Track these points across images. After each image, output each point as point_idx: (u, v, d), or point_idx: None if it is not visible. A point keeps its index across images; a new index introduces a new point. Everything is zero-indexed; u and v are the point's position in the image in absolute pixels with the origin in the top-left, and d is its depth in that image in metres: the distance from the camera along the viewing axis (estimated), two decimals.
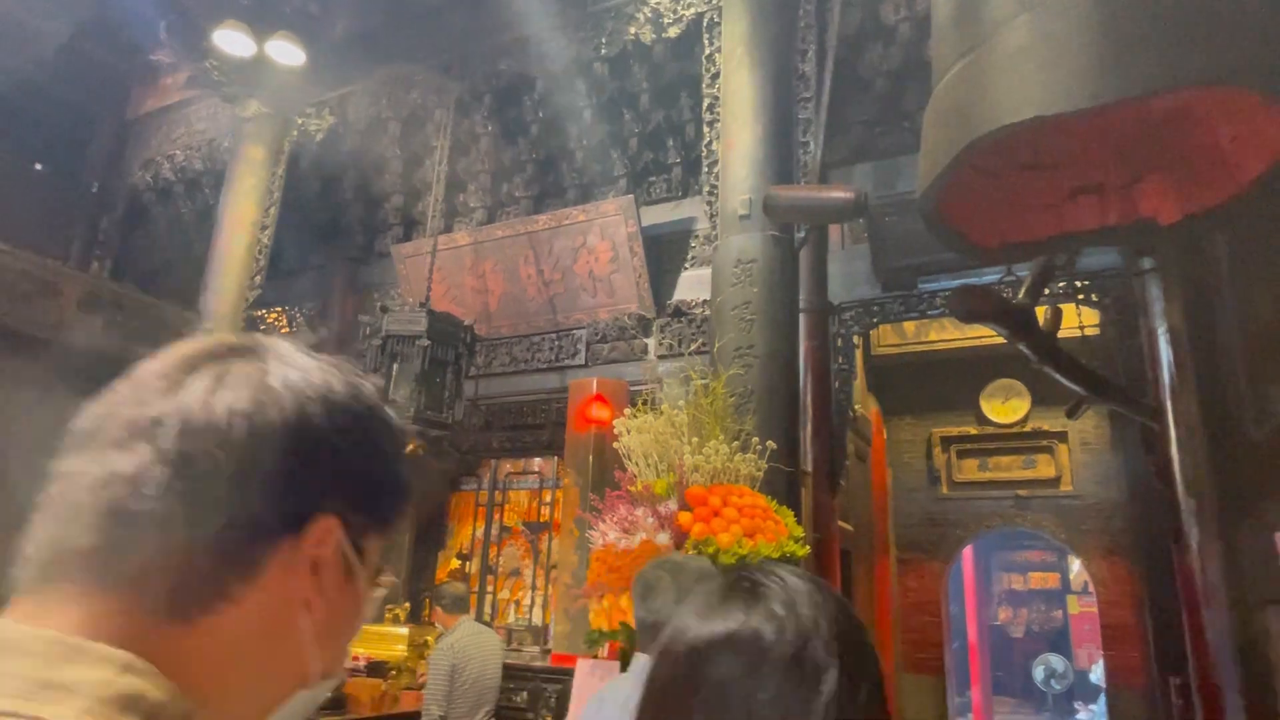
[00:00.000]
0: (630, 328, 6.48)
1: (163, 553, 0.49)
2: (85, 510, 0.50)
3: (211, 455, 0.50)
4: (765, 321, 4.35)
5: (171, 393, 0.52)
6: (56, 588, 0.49)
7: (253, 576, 0.51)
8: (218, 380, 0.53)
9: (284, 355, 0.57)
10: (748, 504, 3.50)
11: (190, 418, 0.50)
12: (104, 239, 8.54)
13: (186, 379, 0.52)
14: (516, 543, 6.93)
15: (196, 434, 0.50)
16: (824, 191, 3.70)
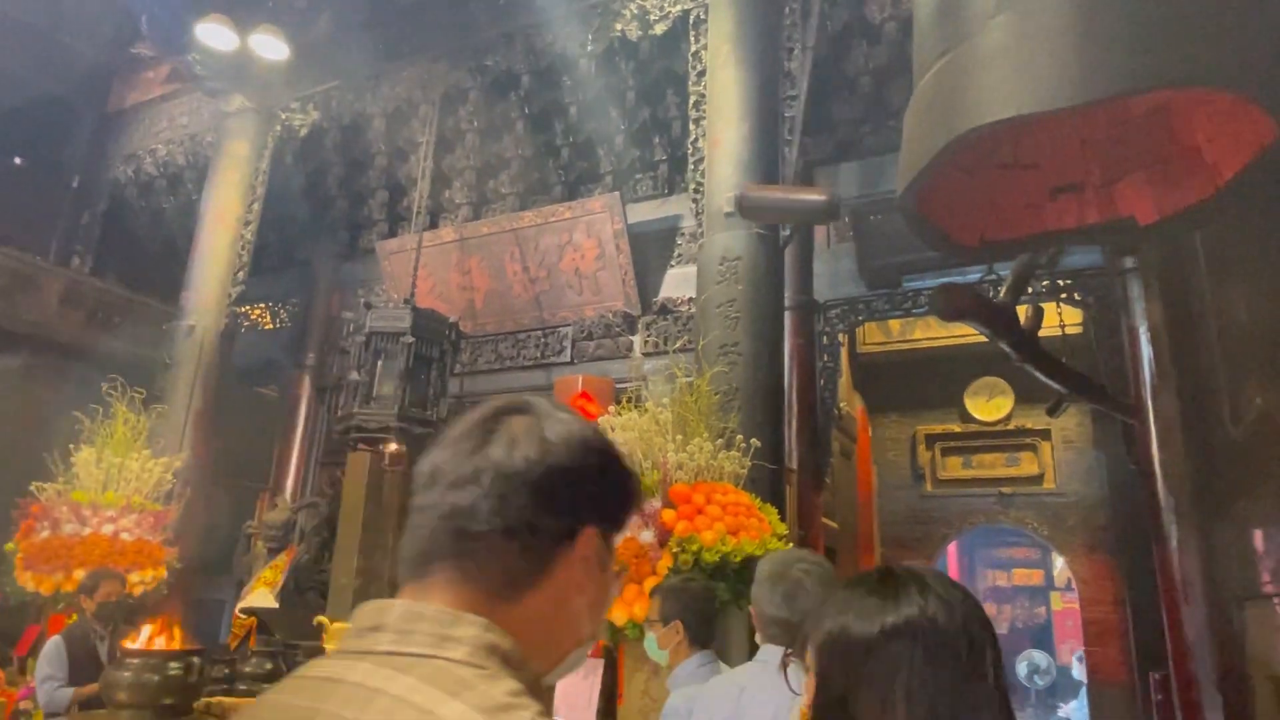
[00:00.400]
0: (616, 325, 6.47)
1: (494, 558, 0.76)
2: (441, 530, 0.78)
3: (518, 493, 0.76)
4: (750, 319, 4.36)
5: (481, 451, 0.78)
6: (432, 579, 0.77)
7: (547, 571, 0.78)
8: (512, 440, 0.78)
9: (547, 412, 0.82)
10: (731, 502, 3.51)
11: (500, 468, 0.77)
12: (85, 234, 8.44)
13: (490, 440, 0.79)
14: None
15: (506, 479, 0.76)
16: (797, 193, 3.72)
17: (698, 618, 2.49)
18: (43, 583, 4.99)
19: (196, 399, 6.38)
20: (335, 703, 0.68)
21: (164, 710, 3.59)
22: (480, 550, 0.76)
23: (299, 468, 7.61)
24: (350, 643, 0.76)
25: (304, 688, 0.73)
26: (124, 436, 5.47)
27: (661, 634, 2.52)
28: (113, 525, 5.21)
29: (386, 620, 0.75)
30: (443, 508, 0.78)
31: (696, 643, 2.47)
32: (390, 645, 0.73)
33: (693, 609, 2.50)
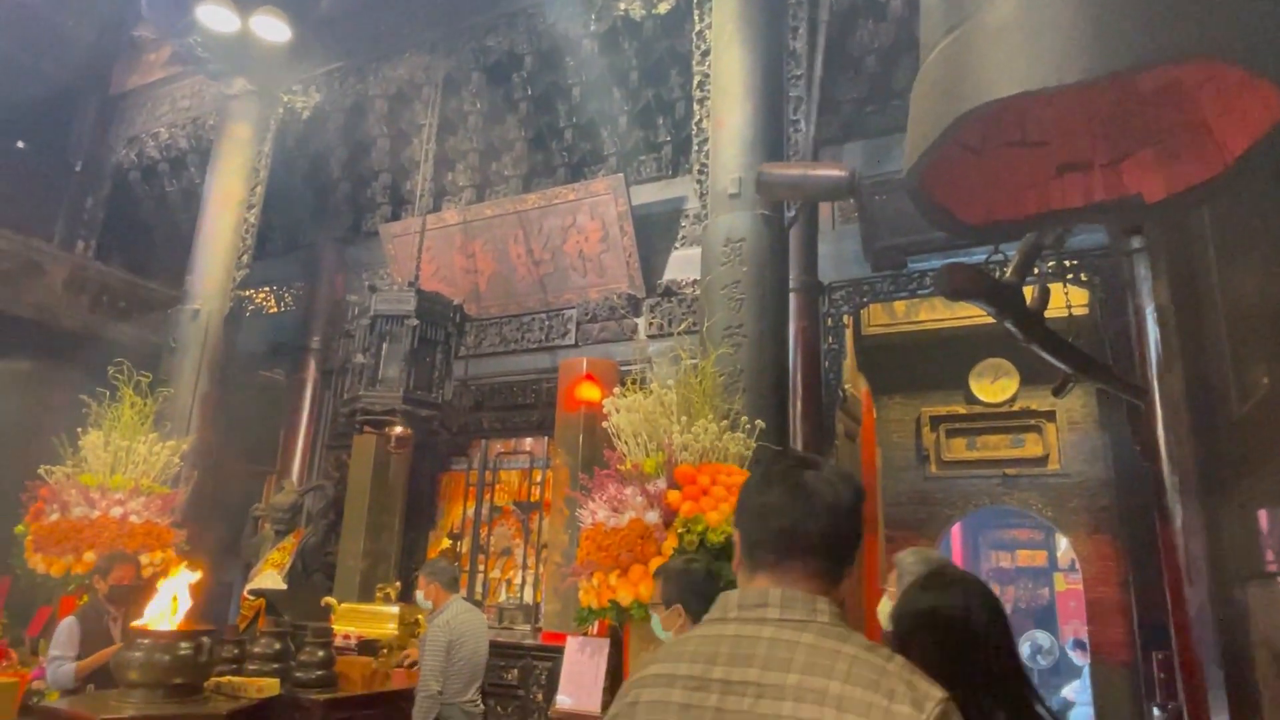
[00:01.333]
0: (620, 307, 6.46)
1: (825, 560, 1.19)
2: (790, 542, 1.19)
3: (844, 519, 1.21)
4: (755, 301, 4.35)
5: (818, 498, 1.20)
6: (786, 573, 1.18)
7: (848, 568, 1.21)
8: (833, 486, 1.21)
9: (822, 463, 1.28)
10: (736, 482, 3.52)
11: (836, 507, 1.20)
12: (89, 218, 8.44)
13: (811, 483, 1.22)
14: (507, 522, 6.94)
15: (835, 511, 1.20)
16: (816, 169, 3.68)
17: (699, 599, 2.49)
18: (53, 565, 5.04)
19: (202, 383, 6.40)
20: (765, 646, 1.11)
21: (175, 689, 3.63)
22: (819, 554, 1.18)
23: (305, 451, 7.65)
24: (745, 613, 1.17)
25: (739, 640, 1.15)
26: (131, 420, 5.49)
27: (664, 616, 2.53)
28: (121, 508, 5.24)
29: (770, 600, 1.16)
30: (799, 531, 1.19)
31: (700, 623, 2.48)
32: (778, 615, 1.14)
33: (693, 591, 2.50)
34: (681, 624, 2.49)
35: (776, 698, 1.05)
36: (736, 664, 1.10)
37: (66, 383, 5.76)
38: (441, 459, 7.16)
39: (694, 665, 1.15)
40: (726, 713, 1.08)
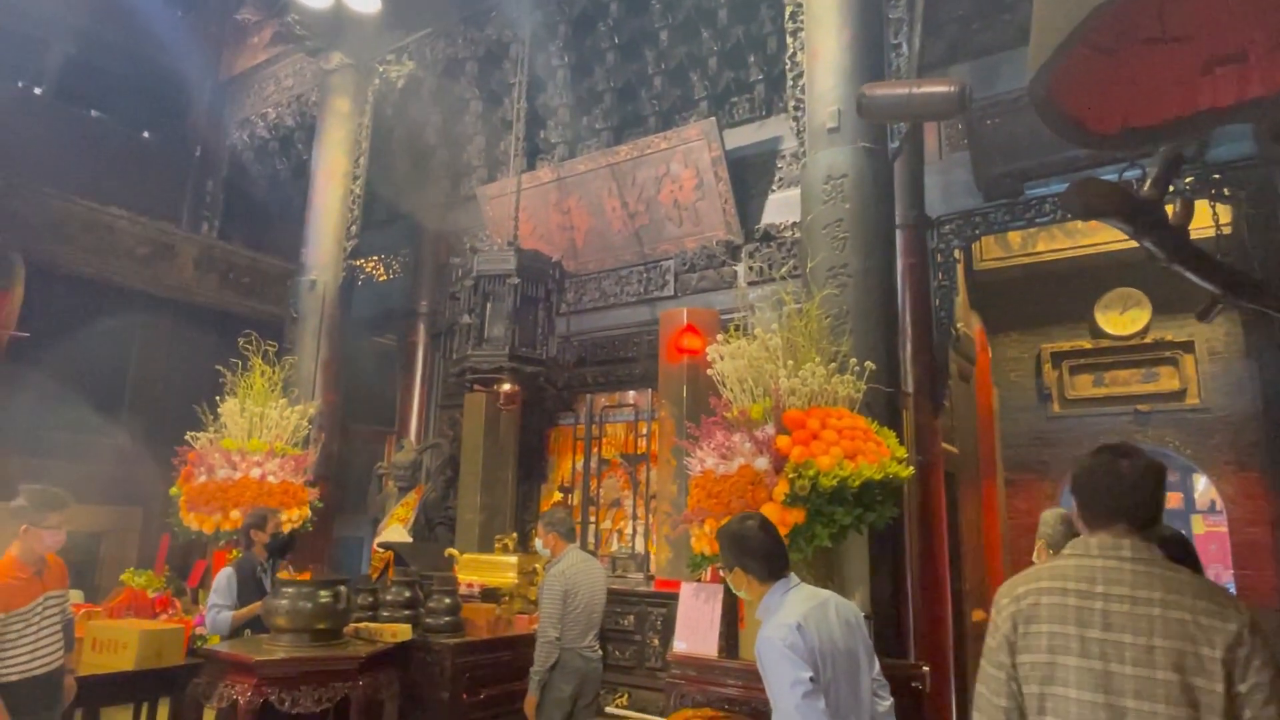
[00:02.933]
0: (718, 255, 6.36)
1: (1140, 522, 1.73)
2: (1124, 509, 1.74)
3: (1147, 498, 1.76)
4: (859, 239, 4.18)
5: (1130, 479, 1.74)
6: (1117, 528, 1.73)
7: (1154, 528, 1.78)
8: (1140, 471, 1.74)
9: (1135, 452, 1.76)
10: (847, 426, 3.43)
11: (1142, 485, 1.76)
12: (210, 200, 8.95)
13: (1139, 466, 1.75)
14: (616, 474, 7.05)
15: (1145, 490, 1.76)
16: (923, 85, 3.44)
17: (757, 558, 2.42)
18: (204, 522, 5.46)
19: (323, 350, 6.73)
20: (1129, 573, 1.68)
21: (319, 634, 3.90)
22: (1136, 517, 1.72)
23: (421, 410, 7.97)
24: (1105, 553, 1.72)
25: (1108, 569, 1.70)
26: (262, 387, 5.85)
27: (730, 579, 2.51)
28: (260, 469, 5.61)
29: (1122, 546, 1.70)
30: (1114, 501, 1.73)
31: (768, 578, 2.41)
32: (1130, 555, 1.69)
33: (748, 552, 2.43)
34: (749, 583, 2.43)
35: (1147, 604, 1.63)
36: (1111, 584, 1.67)
37: (203, 354, 6.18)
38: (549, 414, 7.32)
39: (1079, 583, 1.71)
40: (1111, 613, 1.65)
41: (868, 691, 2.32)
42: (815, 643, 2.18)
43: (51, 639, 3.58)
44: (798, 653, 2.13)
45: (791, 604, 2.30)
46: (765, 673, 2.20)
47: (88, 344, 7.72)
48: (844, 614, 2.36)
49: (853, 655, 2.30)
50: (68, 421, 7.71)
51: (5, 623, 3.36)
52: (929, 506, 5.12)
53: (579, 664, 4.21)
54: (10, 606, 3.39)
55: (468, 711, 4.31)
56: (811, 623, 2.22)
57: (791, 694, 2.08)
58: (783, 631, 2.18)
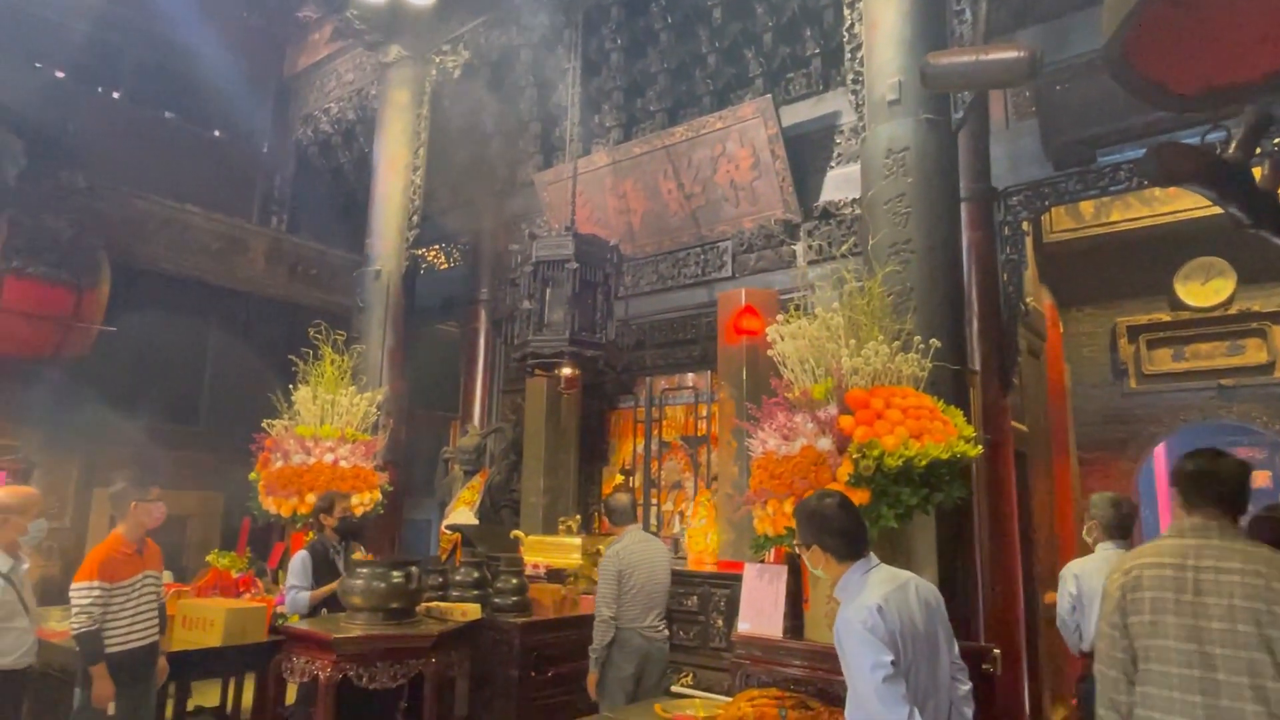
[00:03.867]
0: (776, 234, 6.29)
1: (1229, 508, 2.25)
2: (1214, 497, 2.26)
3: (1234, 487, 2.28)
4: (922, 213, 4.08)
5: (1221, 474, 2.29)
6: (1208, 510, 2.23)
7: (1241, 512, 2.31)
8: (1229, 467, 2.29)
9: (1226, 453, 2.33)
10: (912, 405, 3.36)
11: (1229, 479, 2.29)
12: (279, 195, 9.23)
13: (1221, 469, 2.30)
14: (676, 457, 7.07)
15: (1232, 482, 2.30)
16: (990, 52, 3.31)
17: (836, 536, 2.38)
18: (282, 505, 5.68)
19: (389, 338, 6.90)
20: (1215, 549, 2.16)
21: (392, 612, 4.03)
22: (1224, 504, 2.21)
23: (484, 396, 8.12)
24: (1196, 533, 2.20)
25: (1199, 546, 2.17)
26: (332, 375, 6.04)
27: (807, 556, 2.47)
28: (332, 454, 5.81)
29: (1210, 527, 2.18)
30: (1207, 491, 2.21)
31: (847, 558, 2.38)
32: (1219, 536, 2.16)
33: (827, 530, 2.39)
34: (826, 561, 2.40)
35: (1228, 573, 2.08)
36: (1201, 558, 2.14)
37: (276, 344, 6.40)
38: (609, 397, 7.37)
39: (1174, 558, 2.19)
40: (1200, 580, 2.12)
41: (947, 675, 2.29)
42: (896, 625, 2.15)
43: (147, 616, 3.80)
44: (878, 635, 2.11)
45: (872, 585, 2.27)
46: (844, 655, 2.18)
47: (168, 337, 8.08)
48: (924, 595, 2.32)
49: (932, 638, 2.27)
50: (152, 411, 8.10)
51: (111, 592, 3.61)
52: (998, 486, 5.00)
53: (640, 643, 4.26)
54: (116, 578, 3.64)
55: (536, 689, 4.41)
56: (892, 605, 2.19)
57: (871, 677, 2.06)
58: (863, 614, 2.15)
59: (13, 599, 3.41)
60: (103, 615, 3.60)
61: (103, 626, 3.61)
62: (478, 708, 4.34)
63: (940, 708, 2.24)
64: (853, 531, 2.39)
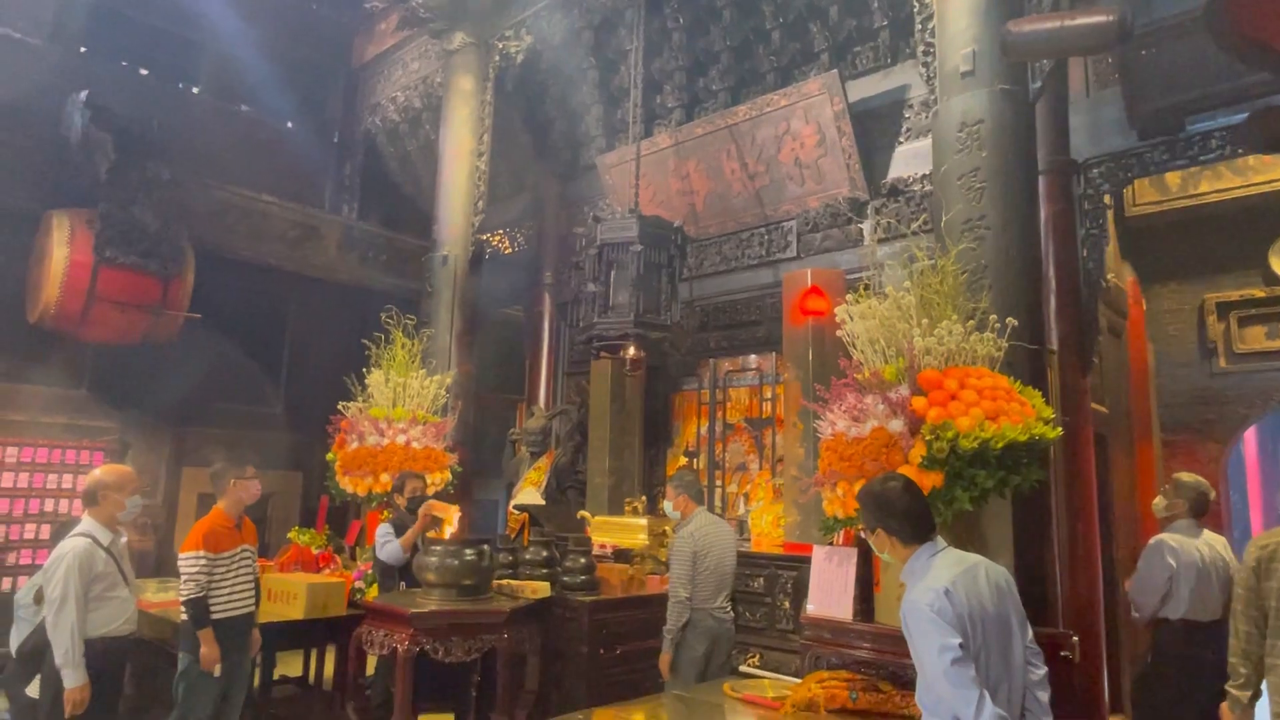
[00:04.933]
0: (842, 213, 6.18)
1: None
2: None
3: None
4: (998, 188, 3.95)
5: None
6: None
7: None
8: None
9: None
10: (988, 386, 3.28)
11: None
12: (349, 183, 9.48)
13: None
14: (740, 439, 7.05)
15: None
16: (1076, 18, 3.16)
17: (901, 519, 2.34)
18: (358, 485, 5.88)
19: (456, 322, 7.04)
20: None
21: (465, 589, 4.14)
22: None
23: (549, 378, 8.22)
24: None
25: None
26: (403, 359, 6.19)
27: (873, 540, 2.45)
28: (405, 436, 5.96)
29: None
30: None
31: (913, 540, 2.34)
32: None
33: (891, 513, 2.36)
34: (892, 544, 2.37)
35: None
36: None
37: (349, 329, 6.59)
38: (673, 379, 7.38)
39: None
40: None
41: (1020, 660, 2.24)
42: (965, 608, 2.11)
43: (244, 587, 4.02)
44: (945, 618, 2.07)
45: (939, 568, 2.23)
46: (911, 638, 2.16)
47: (248, 323, 8.40)
48: (994, 579, 2.27)
49: (1004, 621, 2.22)
50: (234, 394, 8.46)
51: (214, 562, 3.84)
52: (1077, 470, 4.85)
53: (710, 624, 4.29)
54: (218, 549, 3.88)
55: (605, 666, 4.48)
56: (960, 588, 2.15)
57: (940, 660, 2.04)
58: (929, 596, 2.12)
59: (114, 570, 3.62)
60: (208, 583, 3.83)
61: (207, 594, 3.83)
62: (548, 683, 4.43)
63: (1014, 692, 2.19)
64: (917, 514, 2.36)
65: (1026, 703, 2.24)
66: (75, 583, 3.42)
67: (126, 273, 6.87)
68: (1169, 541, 4.22)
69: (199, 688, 3.86)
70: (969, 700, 1.99)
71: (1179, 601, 4.13)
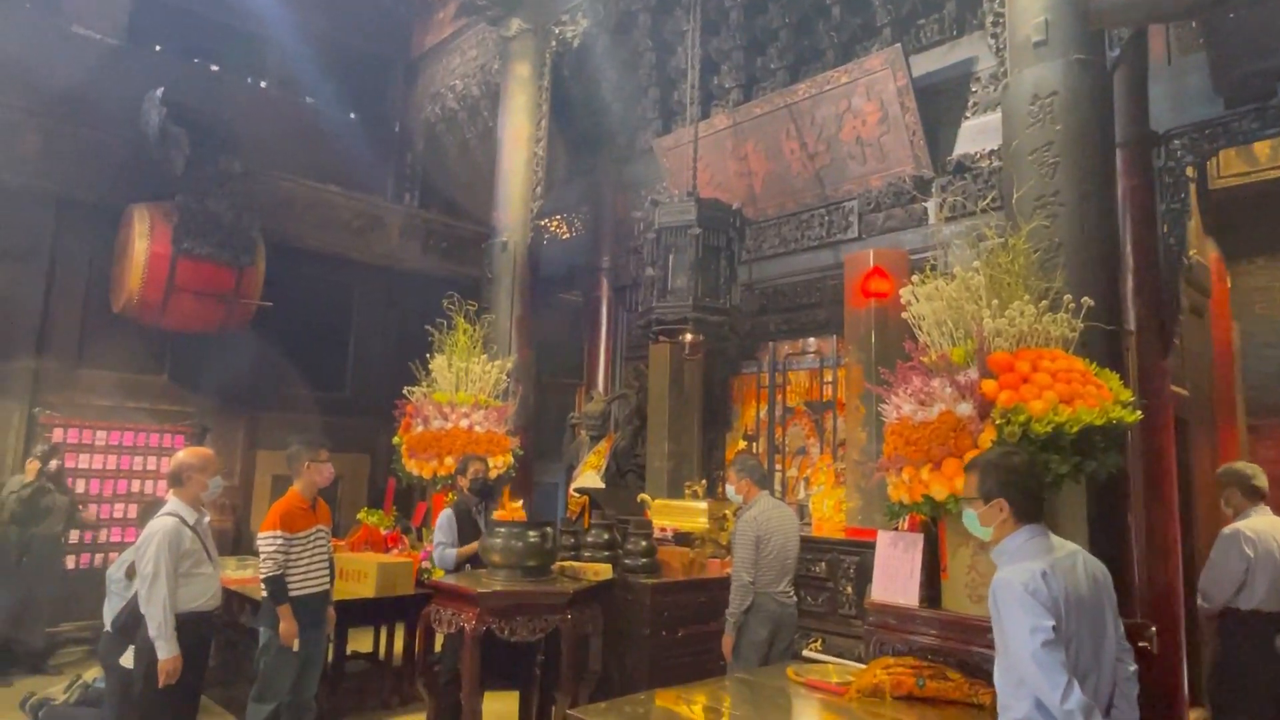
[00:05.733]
0: (906, 192, 6.03)
1: None
2: None
3: None
4: (1072, 163, 3.80)
5: None
6: None
7: None
8: None
9: None
10: (1062, 368, 3.17)
11: None
12: (410, 172, 9.66)
13: None
14: (800, 422, 6.99)
15: None
16: None
17: (1023, 494, 2.30)
18: (423, 468, 6.02)
19: (516, 307, 7.12)
20: None
21: (529, 570, 4.21)
22: None
23: (607, 363, 8.26)
24: None
25: None
26: (465, 344, 6.30)
27: (983, 511, 2.38)
28: (467, 420, 6.08)
29: None
30: None
31: (1024, 519, 2.30)
32: None
33: (1016, 485, 2.31)
34: (1004, 519, 2.33)
35: None
36: None
37: (412, 315, 6.74)
38: (732, 363, 7.34)
39: None
40: None
41: (1111, 653, 2.18)
42: (1060, 593, 2.07)
43: (319, 565, 4.18)
44: (1040, 599, 2.03)
45: (1037, 551, 2.19)
46: (1000, 617, 2.11)
47: (316, 310, 8.66)
48: (1092, 569, 2.23)
49: (1098, 613, 2.16)
50: (304, 379, 8.73)
51: (291, 541, 4.00)
52: (1156, 455, 4.66)
53: (773, 608, 4.28)
54: (294, 529, 4.04)
55: (667, 648, 4.51)
56: (1058, 572, 2.10)
57: (1030, 641, 1.99)
58: (1025, 575, 2.08)
59: (199, 548, 3.79)
60: (285, 562, 3.98)
61: (285, 572, 3.99)
62: (611, 664, 4.49)
63: (1102, 685, 2.13)
64: (1036, 492, 2.35)
65: (1114, 697, 2.18)
66: (166, 559, 3.59)
67: (202, 263, 7.14)
68: (1246, 531, 4.11)
69: (279, 661, 4.02)
70: (1056, 685, 1.95)
71: (1253, 592, 4.02)
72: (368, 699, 5.59)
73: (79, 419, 7.25)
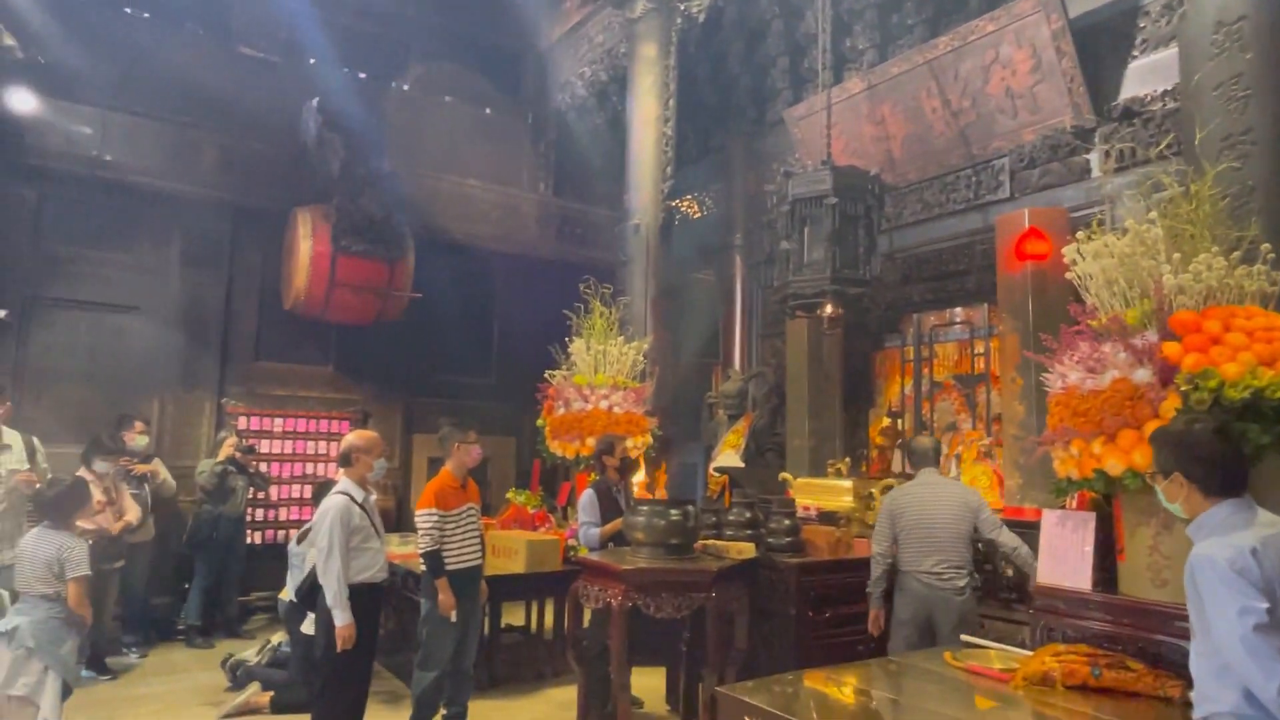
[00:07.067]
0: (1064, 144, 5.56)
1: None
2: None
3: None
4: (1266, 95, 3.39)
5: None
6: None
7: None
8: None
9: None
10: (1260, 327, 2.82)
11: None
12: (543, 161, 9.89)
13: None
14: (949, 397, 6.64)
15: None
16: None
17: (1203, 466, 2.07)
18: (566, 449, 6.18)
19: (650, 289, 7.16)
20: None
21: (672, 548, 4.23)
22: None
23: (742, 341, 8.18)
24: None
25: None
26: (602, 327, 6.40)
27: (1164, 487, 2.16)
28: (606, 401, 6.18)
29: None
30: None
31: (1217, 492, 2.05)
32: None
33: (1193, 456, 2.08)
34: (1187, 493, 2.10)
35: None
36: None
37: (551, 301, 6.89)
38: (874, 337, 7.08)
39: None
40: None
41: None
42: (1274, 572, 1.84)
43: (472, 541, 4.39)
44: (1249, 578, 1.82)
45: (1243, 526, 1.97)
46: (1200, 597, 1.91)
47: (461, 300, 9.05)
48: None
49: None
50: (453, 366, 9.17)
51: (445, 518, 4.23)
52: None
53: (917, 588, 4.13)
54: (447, 506, 4.27)
55: (815, 628, 4.42)
56: (1271, 550, 1.88)
57: (1239, 623, 1.78)
58: (1230, 552, 1.86)
59: (367, 525, 4.06)
60: (441, 538, 4.21)
61: (441, 547, 4.22)
62: (757, 643, 4.44)
63: None
64: (1228, 463, 2.10)
65: None
66: (339, 534, 3.87)
67: (359, 260, 7.62)
68: None
69: (439, 631, 4.26)
70: (1271, 673, 1.74)
71: None
72: (522, 669, 5.83)
73: (258, 408, 7.96)
